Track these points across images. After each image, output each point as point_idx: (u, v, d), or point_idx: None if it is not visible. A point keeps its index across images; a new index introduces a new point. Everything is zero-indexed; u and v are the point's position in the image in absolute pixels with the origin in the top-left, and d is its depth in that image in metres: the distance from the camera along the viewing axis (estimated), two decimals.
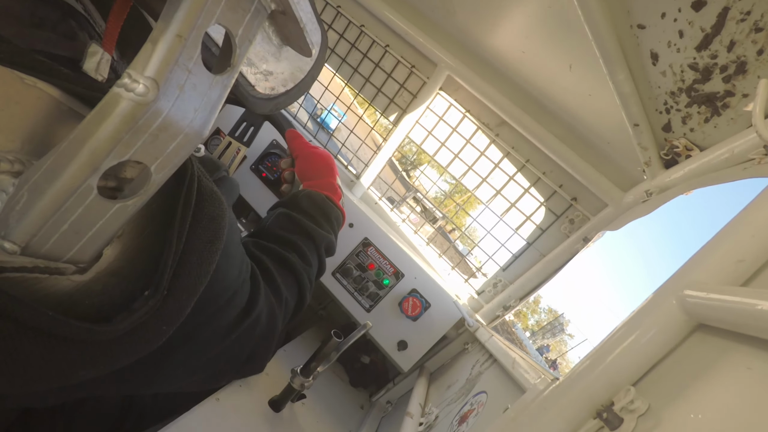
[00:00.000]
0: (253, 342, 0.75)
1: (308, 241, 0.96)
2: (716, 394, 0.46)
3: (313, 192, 1.05)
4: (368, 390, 1.52)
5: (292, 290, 0.87)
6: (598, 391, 0.55)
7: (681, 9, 0.73)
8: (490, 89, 1.35)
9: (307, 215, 1.00)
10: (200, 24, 0.35)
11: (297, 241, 0.92)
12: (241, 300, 0.68)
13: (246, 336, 0.71)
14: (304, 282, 0.89)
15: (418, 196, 3.02)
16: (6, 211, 0.34)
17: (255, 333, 0.73)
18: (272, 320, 0.78)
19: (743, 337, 0.48)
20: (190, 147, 0.40)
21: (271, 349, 0.83)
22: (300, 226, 0.96)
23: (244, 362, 0.77)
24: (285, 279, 0.85)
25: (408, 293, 1.36)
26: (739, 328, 0.47)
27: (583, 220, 1.35)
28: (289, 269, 0.88)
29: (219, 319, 0.63)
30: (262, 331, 0.75)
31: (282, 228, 0.94)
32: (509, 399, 0.84)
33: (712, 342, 0.52)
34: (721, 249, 0.56)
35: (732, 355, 0.48)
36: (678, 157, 0.94)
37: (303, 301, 0.91)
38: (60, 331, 0.38)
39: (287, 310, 0.85)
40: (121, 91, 0.32)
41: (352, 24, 1.56)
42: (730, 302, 0.47)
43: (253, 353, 0.77)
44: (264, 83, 0.57)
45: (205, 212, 0.53)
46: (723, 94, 0.77)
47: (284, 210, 0.98)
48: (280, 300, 0.81)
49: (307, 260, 0.93)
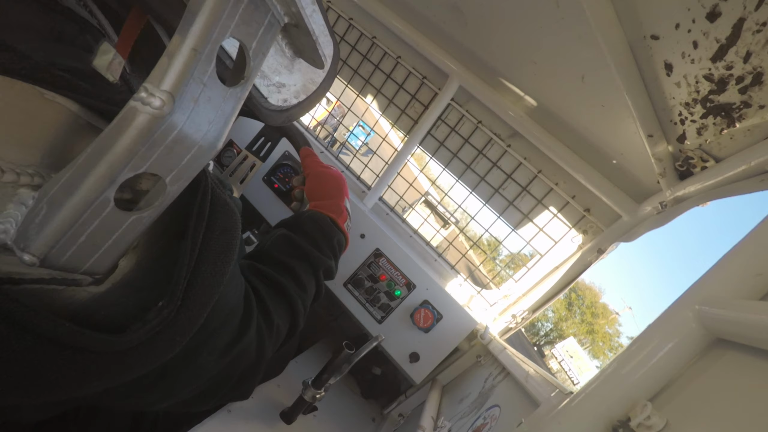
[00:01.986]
0: (242, 367, 0.73)
1: (306, 265, 0.94)
2: (735, 410, 0.45)
3: (317, 213, 1.04)
4: (380, 402, 1.51)
5: (284, 317, 0.85)
6: (614, 406, 0.54)
7: (695, 20, 0.73)
8: (501, 100, 1.35)
9: (309, 238, 0.98)
10: (215, 38, 0.36)
11: (293, 266, 0.91)
12: (235, 320, 0.67)
13: (237, 360, 0.70)
14: (298, 308, 0.87)
15: (429, 200, 2.96)
16: (26, 224, 0.35)
17: (245, 357, 0.72)
18: (261, 347, 0.76)
19: (762, 352, 0.47)
20: (205, 159, 0.41)
21: (258, 376, 0.80)
22: (299, 250, 0.94)
23: (233, 387, 0.75)
24: (277, 304, 0.83)
25: (420, 304, 1.35)
26: (758, 343, 0.46)
27: (597, 232, 1.34)
28: (283, 295, 0.86)
29: (216, 338, 0.62)
30: (251, 356, 0.74)
31: (280, 251, 0.93)
32: (523, 413, 0.83)
33: (731, 357, 0.51)
34: (739, 262, 0.55)
35: (751, 371, 0.47)
36: (693, 168, 0.93)
37: (296, 327, 0.89)
38: (76, 341, 0.38)
39: (278, 336, 0.83)
40: (138, 104, 0.33)
41: (364, 36, 1.57)
42: (749, 317, 0.46)
43: (242, 378, 0.75)
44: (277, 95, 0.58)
45: (218, 224, 0.53)
46: (739, 105, 0.76)
47: (285, 232, 0.97)
48: (270, 326, 0.79)
49: (302, 285, 0.91)
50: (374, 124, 1.71)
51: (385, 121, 1.70)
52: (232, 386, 0.74)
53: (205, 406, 0.78)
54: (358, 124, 1.87)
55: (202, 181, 0.52)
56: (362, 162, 1.77)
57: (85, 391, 0.43)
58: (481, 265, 1.59)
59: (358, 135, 1.68)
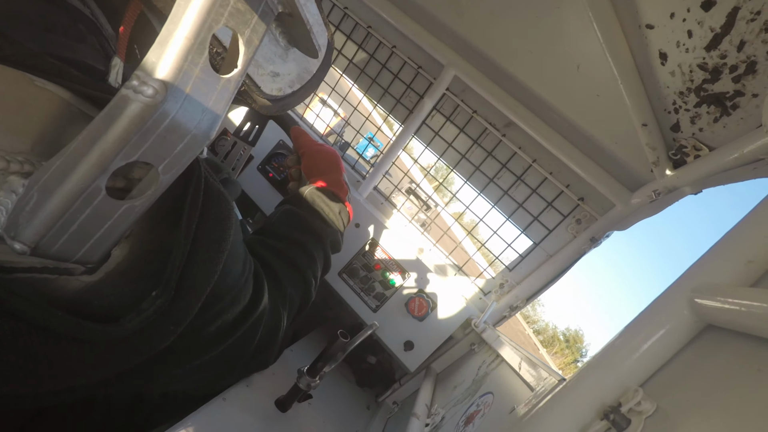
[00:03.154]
0: (257, 338, 0.75)
1: (313, 239, 0.96)
2: (725, 396, 0.45)
3: (319, 188, 1.06)
4: (374, 390, 1.52)
5: (297, 287, 0.88)
6: (606, 392, 0.54)
7: (690, 9, 0.73)
8: (497, 89, 1.35)
9: (313, 212, 1.00)
10: (208, 26, 0.35)
11: (301, 239, 0.93)
12: (244, 298, 0.69)
13: (251, 332, 0.72)
14: (309, 279, 0.90)
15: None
16: (16, 212, 0.35)
17: (259, 329, 0.74)
18: (276, 317, 0.79)
19: (753, 338, 0.47)
20: (198, 148, 0.41)
21: (276, 345, 0.84)
22: (305, 223, 0.96)
23: (249, 359, 0.78)
24: (290, 277, 0.86)
25: (415, 293, 1.36)
26: (748, 329, 0.46)
27: (591, 220, 1.34)
28: (294, 267, 0.88)
29: (224, 316, 0.63)
30: (267, 327, 0.77)
31: (287, 225, 0.95)
32: (516, 400, 0.84)
33: (722, 343, 0.51)
34: (731, 249, 0.56)
35: (742, 357, 0.48)
36: (687, 157, 0.94)
37: (308, 298, 0.91)
38: (70, 331, 0.38)
39: (292, 307, 0.86)
40: (130, 92, 0.33)
41: (359, 25, 1.56)
42: (740, 303, 0.46)
43: (258, 349, 0.78)
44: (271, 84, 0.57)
45: (211, 213, 0.53)
46: (733, 93, 0.77)
47: (289, 207, 0.99)
48: (284, 297, 0.82)
49: (311, 257, 0.93)
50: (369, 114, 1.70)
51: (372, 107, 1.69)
52: (250, 357, 0.78)
53: (230, 379, 0.83)
54: (367, 137, 1.86)
55: (195, 170, 0.52)
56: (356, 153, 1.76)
57: (82, 380, 0.43)
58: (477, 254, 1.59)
59: (367, 152, 1.65)
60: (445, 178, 1.93)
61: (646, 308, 0.59)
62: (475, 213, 1.57)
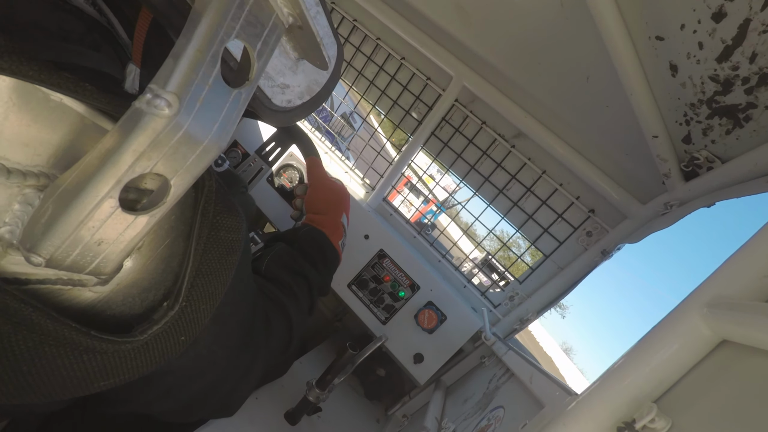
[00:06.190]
0: (236, 378, 0.72)
1: (302, 282, 0.95)
2: (741, 412, 0.44)
3: (314, 229, 1.05)
4: (384, 403, 1.51)
5: (280, 330, 0.85)
6: (619, 408, 0.53)
7: (701, 20, 0.73)
8: (506, 100, 1.35)
9: (305, 254, 0.99)
10: (220, 40, 0.36)
11: (291, 283, 0.91)
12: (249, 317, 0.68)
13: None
14: (293, 323, 0.87)
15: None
16: (32, 224, 0.35)
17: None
18: (256, 353, 0.75)
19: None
20: (209, 159, 0.41)
21: (249, 389, 0.80)
22: (296, 265, 0.95)
23: (223, 397, 0.73)
24: (277, 320, 0.84)
25: (424, 305, 1.35)
26: (764, 345, 0.46)
27: (602, 233, 1.33)
28: (280, 309, 0.86)
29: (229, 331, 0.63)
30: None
31: (278, 266, 0.93)
32: (527, 415, 0.83)
33: (737, 358, 0.50)
34: (746, 264, 0.55)
35: (757, 373, 0.47)
36: (699, 169, 0.93)
37: (291, 342, 0.89)
38: (82, 342, 0.38)
39: (273, 349, 0.83)
40: (143, 105, 0.33)
41: (369, 37, 1.58)
42: (756, 318, 0.46)
43: (232, 390, 0.74)
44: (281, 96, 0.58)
45: (222, 224, 0.53)
46: (745, 105, 0.76)
47: (283, 246, 0.98)
48: (269, 337, 0.80)
49: (299, 303, 0.92)
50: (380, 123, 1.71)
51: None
52: (223, 396, 0.73)
53: (193, 418, 0.77)
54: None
55: (207, 182, 0.52)
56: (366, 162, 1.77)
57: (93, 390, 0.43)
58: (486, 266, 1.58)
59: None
60: (455, 191, 1.93)
61: (660, 322, 0.58)
62: (484, 224, 1.56)
